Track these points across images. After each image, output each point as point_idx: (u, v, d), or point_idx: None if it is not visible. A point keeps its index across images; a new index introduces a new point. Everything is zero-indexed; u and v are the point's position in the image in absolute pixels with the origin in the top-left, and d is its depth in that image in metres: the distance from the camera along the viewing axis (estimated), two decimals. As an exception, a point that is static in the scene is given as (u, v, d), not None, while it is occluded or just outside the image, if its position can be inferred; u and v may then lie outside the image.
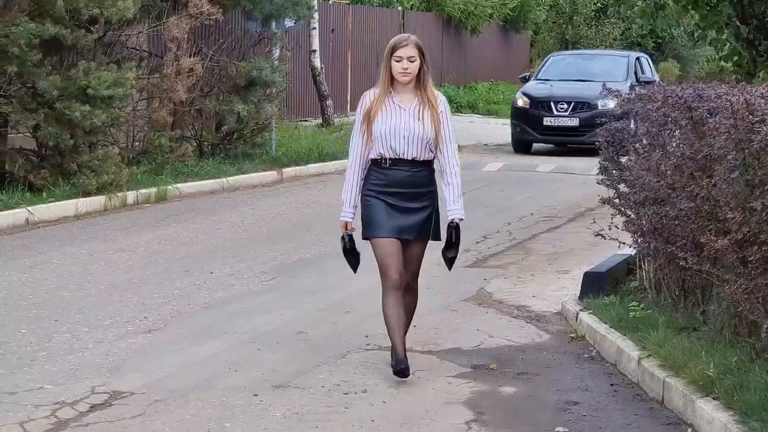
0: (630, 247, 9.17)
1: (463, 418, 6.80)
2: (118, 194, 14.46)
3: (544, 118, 21.95)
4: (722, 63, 12.79)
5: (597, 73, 22.42)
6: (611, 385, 7.52)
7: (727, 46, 11.49)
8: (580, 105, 21.77)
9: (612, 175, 9.13)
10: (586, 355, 8.19)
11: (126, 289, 9.82)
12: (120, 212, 14.27)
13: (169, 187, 15.49)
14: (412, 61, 7.05)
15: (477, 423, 6.70)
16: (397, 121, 7.08)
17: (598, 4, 36.80)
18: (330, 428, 6.58)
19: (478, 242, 12.32)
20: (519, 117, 22.36)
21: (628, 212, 8.85)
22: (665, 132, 7.89)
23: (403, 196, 7.14)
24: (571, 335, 8.61)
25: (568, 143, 22.15)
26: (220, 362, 7.79)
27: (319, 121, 24.32)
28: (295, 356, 7.97)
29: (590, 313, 8.69)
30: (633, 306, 8.31)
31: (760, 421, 6.05)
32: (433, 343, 8.35)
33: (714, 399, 6.60)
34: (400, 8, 28.93)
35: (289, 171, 18.28)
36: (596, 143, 9.26)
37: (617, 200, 9.03)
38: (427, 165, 7.20)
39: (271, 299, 9.65)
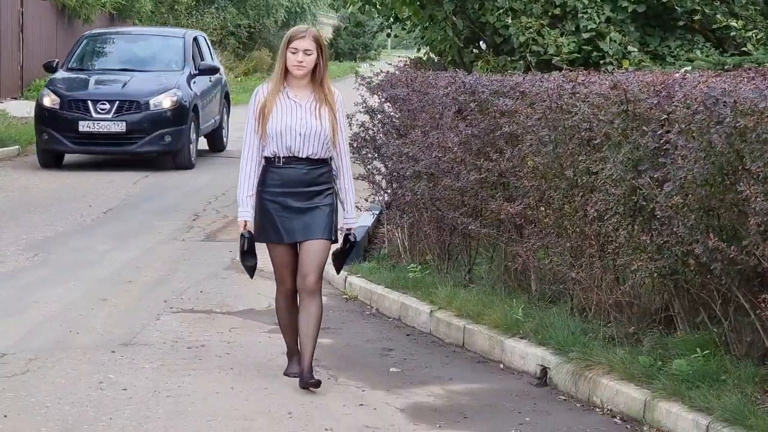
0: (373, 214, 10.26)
1: (305, 364, 7.59)
2: None
3: (80, 122, 16.67)
4: (430, 54, 13.97)
5: (147, 60, 18.47)
6: (407, 335, 8.53)
7: (440, 38, 12.87)
8: (126, 104, 16.84)
9: (365, 155, 10.14)
10: (367, 312, 9.17)
11: None
12: None
13: None
14: (308, 54, 6.66)
15: (319, 367, 7.50)
16: (292, 118, 6.70)
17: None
18: (199, 375, 7.21)
19: (194, 220, 12.98)
20: (46, 120, 16.87)
21: (388, 186, 9.92)
22: (449, 112, 8.97)
23: (300, 196, 6.76)
24: (345, 297, 9.55)
25: (114, 153, 17.28)
26: (55, 327, 8.17)
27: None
28: (117, 320, 8.48)
29: (359, 277, 9.67)
30: (412, 268, 9.36)
31: (575, 351, 7.26)
32: (227, 306, 9.07)
33: (522, 338, 7.77)
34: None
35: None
36: (150, 152, 8.81)
37: (376, 176, 10.06)
38: (324, 163, 6.82)
39: (49, 273, 9.96)
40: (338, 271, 7.54)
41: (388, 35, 16.12)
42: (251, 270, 7.07)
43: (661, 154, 6.63)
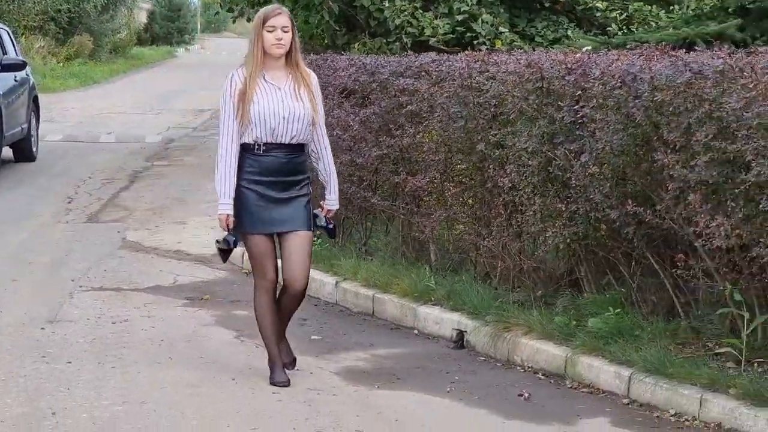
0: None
1: (230, 334, 7.85)
2: None
3: None
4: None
5: None
6: (315, 305, 8.83)
7: (317, 23, 13.21)
8: None
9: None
10: (272, 287, 9.44)
11: None
12: None
13: None
14: (286, 32, 6.40)
15: (243, 336, 7.78)
16: (274, 101, 6.43)
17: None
18: (136, 347, 7.40)
19: (69, 203, 12.98)
20: None
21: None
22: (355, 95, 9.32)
23: (279, 186, 6.50)
24: (244, 272, 9.80)
25: None
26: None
27: None
28: (34, 299, 8.60)
29: (257, 252, 9.92)
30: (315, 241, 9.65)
31: (491, 314, 7.70)
32: (134, 283, 9.22)
33: (434, 305, 8.17)
34: None
35: None
36: None
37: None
38: (302, 149, 6.61)
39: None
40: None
41: (249, 20, 16.29)
42: (226, 254, 6.81)
43: (577, 128, 7.10)
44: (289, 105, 6.44)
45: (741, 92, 6.05)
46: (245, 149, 6.46)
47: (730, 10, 11.13)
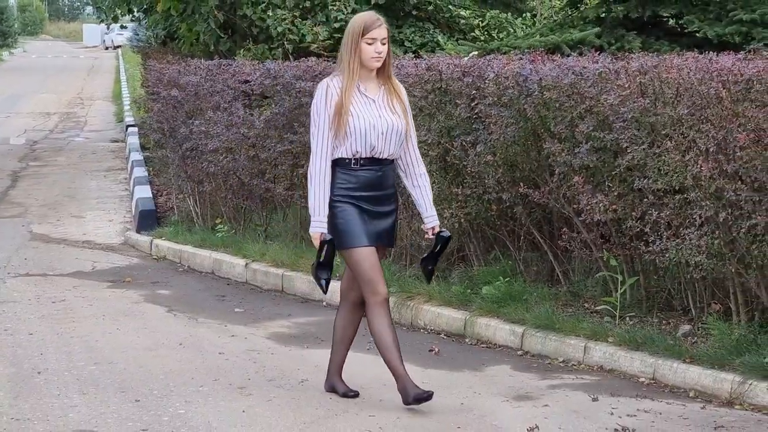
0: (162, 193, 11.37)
1: (162, 310, 8.67)
2: None
3: None
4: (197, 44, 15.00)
5: None
6: (227, 285, 9.74)
7: (203, 30, 14.05)
8: None
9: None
10: (180, 269, 10.31)
11: None
12: None
13: None
14: (384, 44, 6.04)
15: (174, 311, 8.63)
16: (373, 115, 6.06)
17: None
18: (84, 321, 8.20)
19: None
20: None
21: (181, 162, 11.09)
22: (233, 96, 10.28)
23: (373, 200, 6.11)
24: (154, 257, 10.63)
25: None
26: None
27: None
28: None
29: (164, 240, 10.80)
30: (219, 229, 10.57)
31: (395, 286, 8.73)
32: (57, 269, 9.98)
33: (339, 279, 9.14)
34: None
35: None
36: None
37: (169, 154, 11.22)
38: (392, 163, 6.22)
39: None
40: (429, 280, 6.74)
41: (123, 26, 17.05)
42: (327, 283, 6.28)
43: (473, 122, 8.22)
44: (386, 119, 6.08)
45: (617, 91, 7.24)
46: (338, 164, 6.07)
47: (588, 19, 12.56)
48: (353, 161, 6.05)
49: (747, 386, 6.34)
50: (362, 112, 6.02)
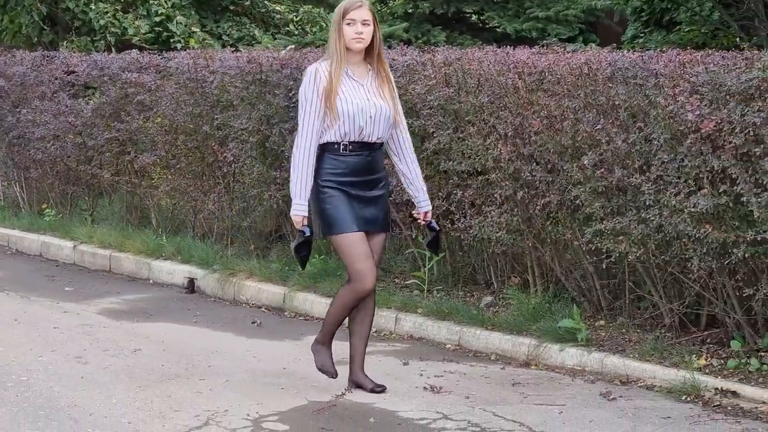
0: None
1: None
2: None
3: None
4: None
5: None
6: (56, 266, 10.02)
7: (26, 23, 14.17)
8: None
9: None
10: (9, 252, 10.59)
11: None
12: None
13: None
14: (366, 25, 5.93)
15: (6, 290, 8.88)
16: (361, 99, 5.95)
17: None
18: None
19: None
20: None
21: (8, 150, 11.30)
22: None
23: (361, 185, 6.00)
24: (-10, 245, 10.85)
25: None
26: None
27: None
28: None
29: (-8, 224, 11.01)
30: (47, 213, 10.83)
31: (217, 264, 9.19)
32: None
33: (166, 259, 9.57)
34: None
35: None
36: None
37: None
38: (381, 147, 6.11)
39: None
40: (437, 253, 7.32)
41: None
42: (304, 260, 6.26)
43: (290, 111, 8.71)
44: (375, 103, 5.98)
45: (424, 81, 7.82)
46: (326, 149, 5.95)
47: (396, 15, 13.24)
48: (342, 146, 5.94)
49: (542, 348, 6.93)
50: (350, 95, 5.91)
